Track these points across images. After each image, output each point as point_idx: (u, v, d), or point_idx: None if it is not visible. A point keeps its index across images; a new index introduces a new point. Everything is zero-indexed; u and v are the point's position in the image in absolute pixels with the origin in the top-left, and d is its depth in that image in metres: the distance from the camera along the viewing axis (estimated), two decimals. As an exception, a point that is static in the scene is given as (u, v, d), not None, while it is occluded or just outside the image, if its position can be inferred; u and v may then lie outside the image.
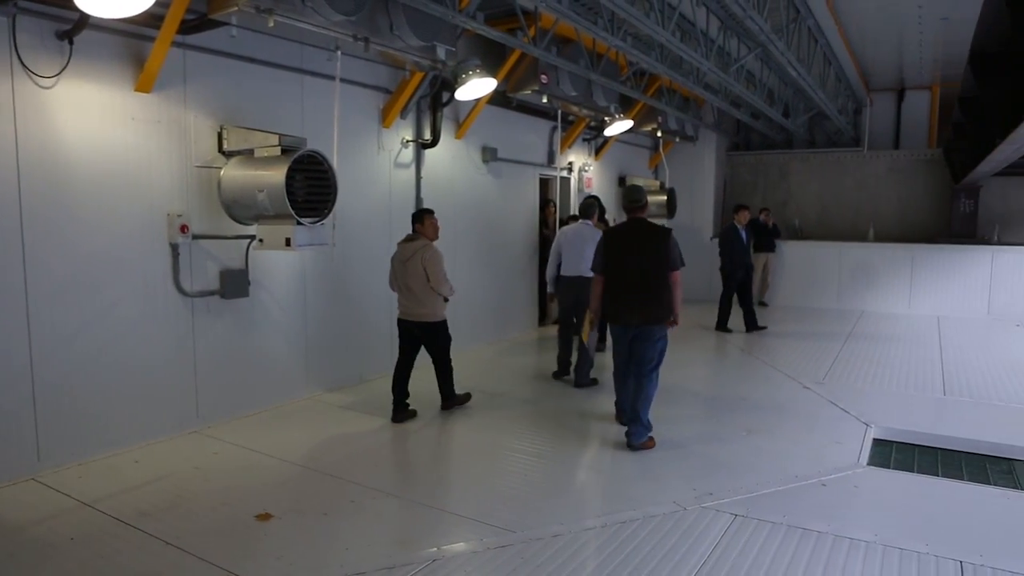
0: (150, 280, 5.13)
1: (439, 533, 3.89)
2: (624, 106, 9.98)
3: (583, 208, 7.38)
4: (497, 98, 8.03)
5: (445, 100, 7.52)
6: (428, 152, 7.67)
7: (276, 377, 6.15)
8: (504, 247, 9.26)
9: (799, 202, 14.97)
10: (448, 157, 8.04)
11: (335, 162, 5.48)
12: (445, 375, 6.02)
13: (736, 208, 10.09)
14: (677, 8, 6.58)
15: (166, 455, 4.97)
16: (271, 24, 4.75)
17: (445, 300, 5.86)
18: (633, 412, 5.18)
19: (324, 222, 5.48)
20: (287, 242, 5.26)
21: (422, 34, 5.68)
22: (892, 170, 14.21)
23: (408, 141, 7.41)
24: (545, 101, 8.17)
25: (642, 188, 5.61)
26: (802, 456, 5.04)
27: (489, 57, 7.54)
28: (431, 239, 5.82)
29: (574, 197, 10.70)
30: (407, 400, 5.91)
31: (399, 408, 5.85)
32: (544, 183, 10.22)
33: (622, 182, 12.22)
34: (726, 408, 6.28)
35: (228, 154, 5.51)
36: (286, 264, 6.17)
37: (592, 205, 7.33)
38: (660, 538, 3.79)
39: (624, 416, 5.46)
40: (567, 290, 7.06)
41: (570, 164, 10.74)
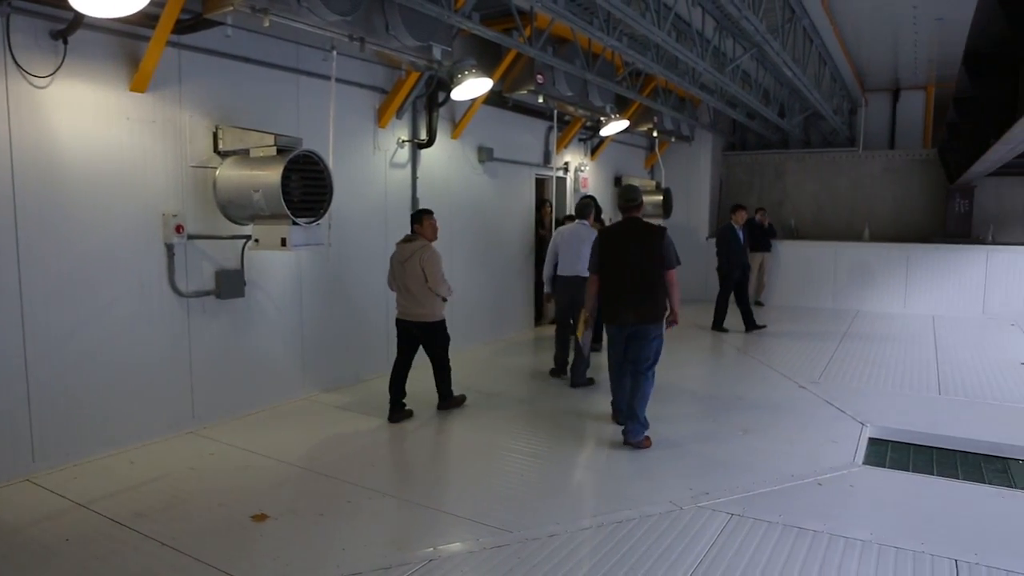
0: (145, 280, 5.12)
1: (435, 533, 3.89)
2: (620, 106, 10.00)
3: (579, 208, 7.40)
4: (493, 98, 8.03)
5: (441, 100, 7.51)
6: (424, 152, 7.67)
7: (272, 377, 6.14)
8: (500, 247, 9.26)
9: (795, 202, 15.01)
10: (444, 157, 8.04)
11: (331, 162, 5.48)
12: (443, 375, 6.03)
13: (733, 208, 10.12)
14: (673, 8, 6.58)
15: (162, 455, 4.96)
16: (267, 24, 4.75)
17: (444, 300, 5.86)
18: (630, 410, 5.19)
19: (320, 222, 5.48)
20: (283, 242, 5.26)
21: (418, 34, 5.68)
22: (887, 170, 14.25)
23: (404, 141, 7.41)
24: (541, 101, 8.17)
25: (637, 188, 5.62)
26: (798, 455, 5.05)
27: (485, 57, 7.53)
28: (430, 240, 5.83)
29: (570, 197, 10.70)
30: (404, 400, 5.91)
31: (396, 408, 5.85)
32: (540, 183, 10.23)
33: (618, 182, 12.24)
34: (722, 407, 6.29)
35: (223, 154, 5.50)
36: (282, 264, 6.16)
37: (588, 205, 7.34)
38: (656, 537, 3.79)
39: (620, 415, 5.48)
40: (564, 290, 7.08)
41: (566, 164, 10.75)
